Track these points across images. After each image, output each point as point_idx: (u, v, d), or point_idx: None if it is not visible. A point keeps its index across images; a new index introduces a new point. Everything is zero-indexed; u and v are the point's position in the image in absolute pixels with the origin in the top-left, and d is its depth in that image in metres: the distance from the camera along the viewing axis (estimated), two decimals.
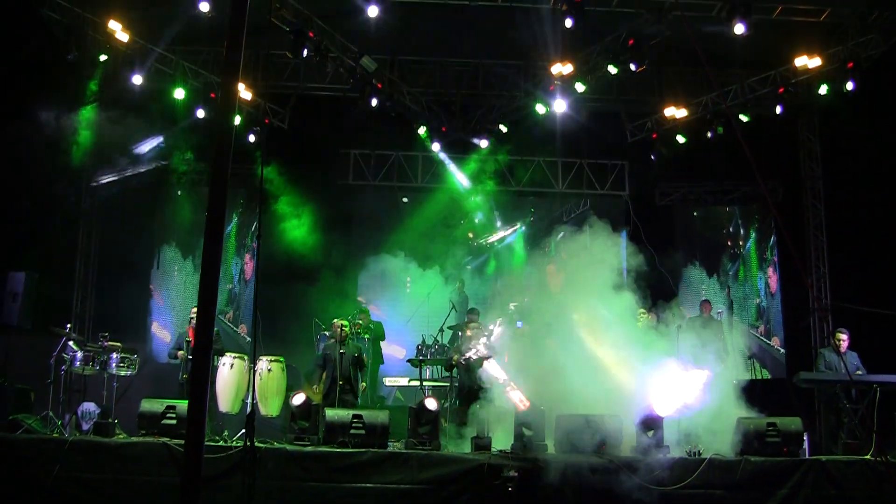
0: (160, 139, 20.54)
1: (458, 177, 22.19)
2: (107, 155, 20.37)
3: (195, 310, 15.25)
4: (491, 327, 15.76)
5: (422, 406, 13.11)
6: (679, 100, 20.64)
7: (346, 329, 15.99)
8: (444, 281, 22.07)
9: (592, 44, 19.13)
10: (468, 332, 15.81)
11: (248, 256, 21.92)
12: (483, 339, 15.41)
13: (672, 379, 13.56)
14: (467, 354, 15.16)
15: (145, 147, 20.54)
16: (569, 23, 17.14)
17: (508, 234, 23.35)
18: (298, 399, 13.26)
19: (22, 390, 14.46)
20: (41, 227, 18.72)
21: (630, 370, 13.68)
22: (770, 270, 22.18)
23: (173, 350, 15.98)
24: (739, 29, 16.79)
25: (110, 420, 13.03)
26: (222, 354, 15.40)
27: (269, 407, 15.44)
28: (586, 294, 14.60)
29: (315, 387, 15.56)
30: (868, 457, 12.45)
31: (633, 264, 16.32)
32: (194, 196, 21.22)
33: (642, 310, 15.84)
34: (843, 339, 15.19)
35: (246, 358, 15.55)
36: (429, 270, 22.34)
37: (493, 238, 23.34)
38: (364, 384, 16.85)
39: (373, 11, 17.35)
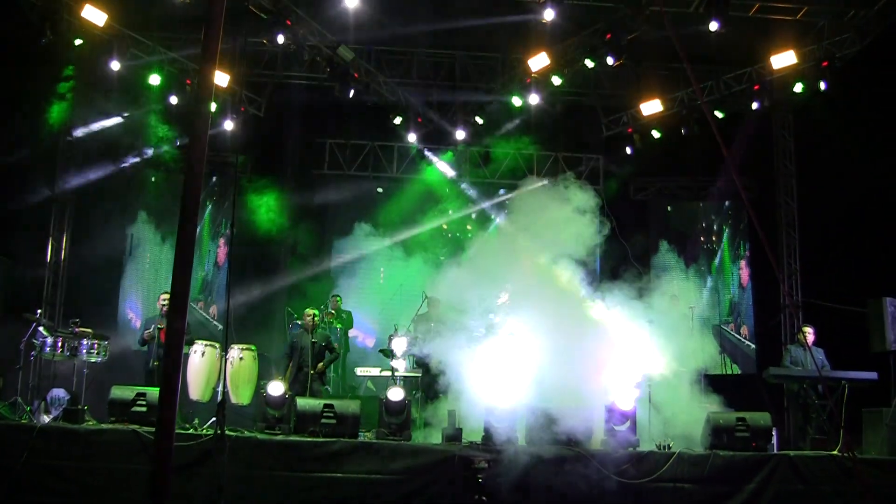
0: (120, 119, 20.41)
1: (440, 165, 22.22)
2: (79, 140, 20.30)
3: (164, 296, 15.33)
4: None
5: (387, 396, 13.13)
6: (655, 95, 20.71)
7: (316, 318, 16.01)
8: (418, 271, 22.05)
9: (570, 37, 19.17)
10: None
11: (221, 241, 21.81)
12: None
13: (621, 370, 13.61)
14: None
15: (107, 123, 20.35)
16: (549, 15, 17.18)
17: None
18: (276, 388, 13.22)
19: None
20: (12, 213, 18.61)
21: (597, 361, 13.69)
22: (742, 263, 22.32)
23: (142, 337, 15.82)
24: (714, 26, 16.84)
25: (80, 406, 12.94)
26: (192, 344, 15.35)
27: (241, 395, 15.42)
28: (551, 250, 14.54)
29: (281, 377, 15.56)
30: (835, 452, 12.53)
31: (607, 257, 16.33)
32: (168, 183, 21.11)
33: None
34: (809, 332, 15.36)
35: (217, 346, 15.51)
36: (403, 260, 22.35)
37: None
38: (335, 374, 16.91)
39: (351, 1, 17.35)
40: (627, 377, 13.47)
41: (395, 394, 13.06)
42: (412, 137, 21.48)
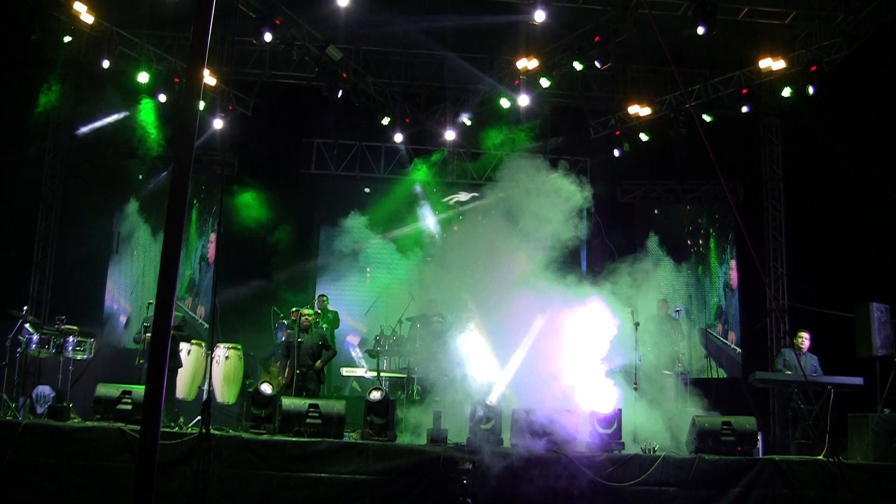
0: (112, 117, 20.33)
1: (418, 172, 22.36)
2: (66, 137, 20.25)
3: None
4: None
5: (369, 397, 13.12)
6: (643, 98, 20.73)
7: (310, 317, 15.95)
8: (404, 271, 22.03)
9: (559, 40, 19.19)
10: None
11: (212, 236, 21.71)
12: None
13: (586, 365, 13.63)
14: None
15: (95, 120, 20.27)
16: (539, 17, 17.20)
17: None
18: (270, 388, 13.17)
19: None
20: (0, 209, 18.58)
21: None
22: (733, 263, 22.32)
23: (142, 338, 15.63)
24: (701, 30, 16.85)
25: (65, 404, 12.93)
26: (188, 341, 15.32)
27: (226, 394, 15.41)
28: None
29: (280, 377, 15.49)
30: (821, 457, 12.55)
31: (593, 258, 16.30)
32: (156, 181, 21.06)
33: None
34: (805, 336, 15.31)
35: (203, 344, 15.47)
36: (389, 260, 22.33)
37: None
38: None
39: (341, 1, 17.31)
40: (592, 373, 13.47)
41: (376, 394, 13.05)
42: (399, 138, 21.47)
